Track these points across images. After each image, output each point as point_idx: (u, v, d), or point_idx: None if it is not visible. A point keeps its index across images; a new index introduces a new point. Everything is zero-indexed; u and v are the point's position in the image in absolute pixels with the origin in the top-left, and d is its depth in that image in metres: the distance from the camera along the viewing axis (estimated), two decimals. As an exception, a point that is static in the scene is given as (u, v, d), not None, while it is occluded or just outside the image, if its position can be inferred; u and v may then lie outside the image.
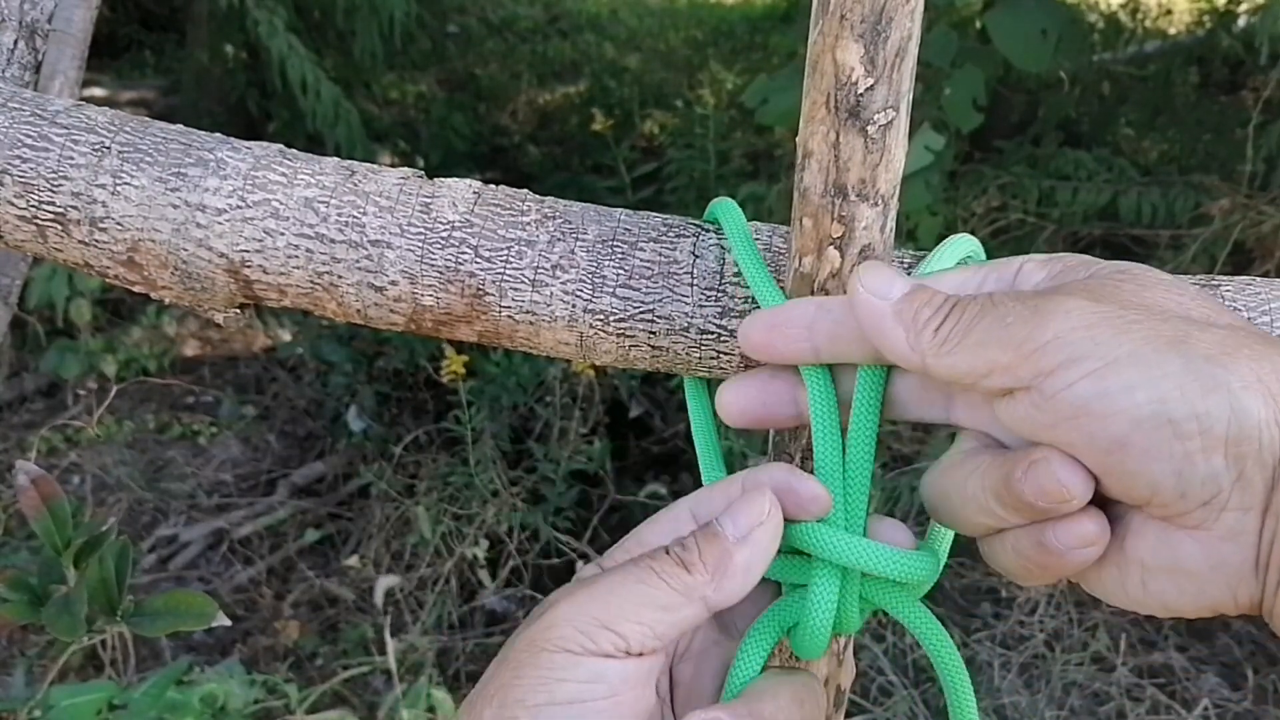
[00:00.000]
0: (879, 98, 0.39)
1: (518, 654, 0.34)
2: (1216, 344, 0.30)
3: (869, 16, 0.37)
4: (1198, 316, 0.32)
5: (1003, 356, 0.32)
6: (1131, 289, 0.33)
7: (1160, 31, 3.68)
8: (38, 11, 0.65)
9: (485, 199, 0.46)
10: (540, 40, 5.45)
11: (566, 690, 0.33)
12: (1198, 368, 0.30)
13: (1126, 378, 0.30)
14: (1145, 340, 0.30)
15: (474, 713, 0.34)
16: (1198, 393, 0.29)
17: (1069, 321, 0.31)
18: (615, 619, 0.34)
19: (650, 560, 0.36)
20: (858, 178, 0.40)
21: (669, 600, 0.35)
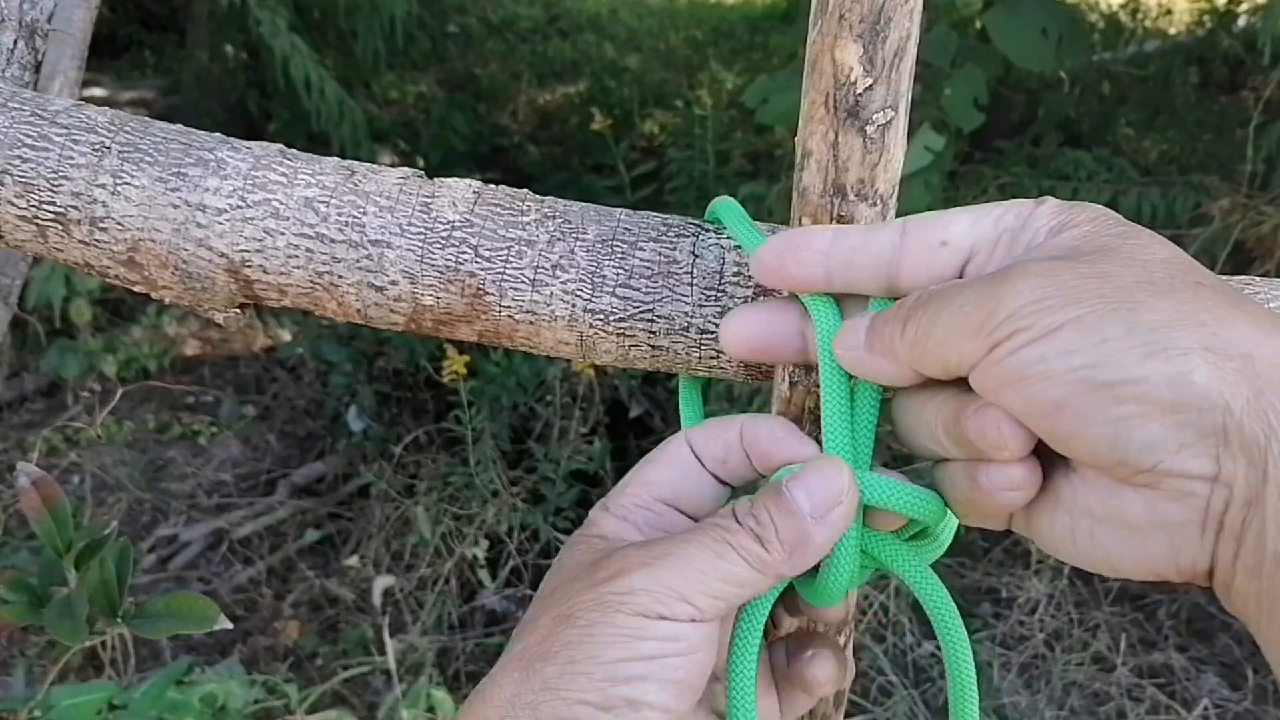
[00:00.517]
0: (878, 97, 0.39)
1: (585, 613, 0.34)
2: (1171, 309, 0.30)
3: (868, 16, 0.37)
4: (1164, 282, 0.31)
5: (967, 344, 0.33)
6: (1117, 253, 0.32)
7: (1160, 31, 3.68)
8: (38, 11, 0.65)
9: (485, 199, 0.46)
10: (540, 40, 5.44)
11: (648, 648, 0.34)
12: (1141, 334, 0.30)
13: (1065, 343, 0.30)
14: (1090, 307, 0.30)
15: (530, 672, 0.34)
16: (1135, 358, 0.29)
17: (1021, 299, 0.31)
18: (692, 592, 0.34)
19: (725, 532, 0.36)
20: (856, 177, 0.40)
21: (745, 577, 0.35)
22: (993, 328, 0.32)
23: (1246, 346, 0.29)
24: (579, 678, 0.33)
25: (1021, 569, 2.13)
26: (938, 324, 0.33)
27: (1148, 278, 0.31)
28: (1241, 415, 0.28)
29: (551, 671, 0.33)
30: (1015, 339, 0.31)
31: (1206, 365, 0.29)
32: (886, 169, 0.40)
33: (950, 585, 2.15)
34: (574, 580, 0.36)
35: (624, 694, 0.33)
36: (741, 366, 0.46)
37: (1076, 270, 0.32)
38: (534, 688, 0.33)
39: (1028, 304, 0.31)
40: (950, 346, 0.33)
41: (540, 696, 0.33)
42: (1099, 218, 0.35)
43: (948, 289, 0.34)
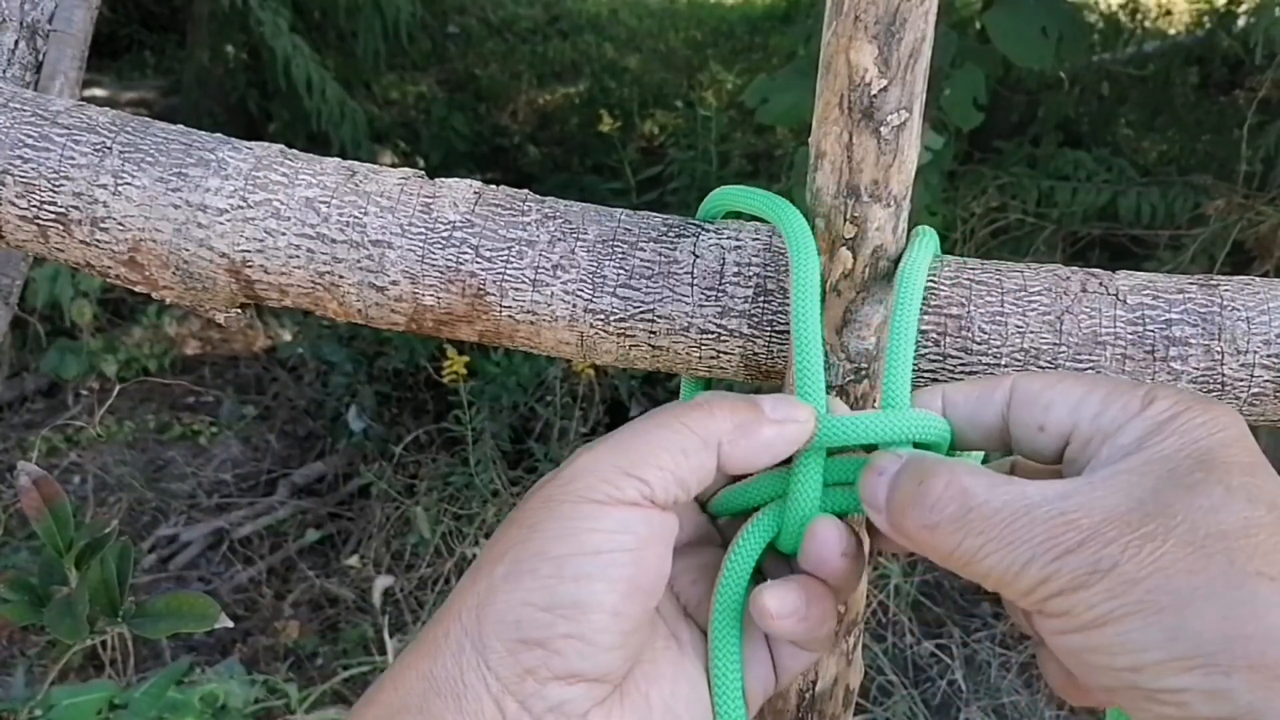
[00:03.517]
0: (892, 99, 0.39)
1: (531, 512, 0.33)
2: (1217, 617, 0.29)
3: (883, 18, 0.37)
4: (1220, 571, 0.29)
5: (1007, 593, 0.33)
6: (1190, 508, 0.31)
7: (1160, 31, 3.68)
8: (38, 12, 0.65)
9: (486, 199, 0.46)
10: (540, 40, 5.44)
11: (594, 540, 0.32)
12: (1183, 645, 0.29)
13: (1107, 642, 0.30)
14: (1136, 606, 0.30)
15: (479, 577, 0.33)
16: (1175, 670, 0.29)
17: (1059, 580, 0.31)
18: (636, 464, 0.34)
19: (674, 410, 0.36)
20: (871, 179, 0.40)
21: (687, 444, 0.35)
22: (1033, 599, 0.31)
23: None
24: (525, 577, 0.32)
25: (1021, 569, 2.13)
26: (984, 557, 0.32)
27: (1204, 560, 0.30)
28: None
29: (499, 572, 0.33)
30: (1056, 620, 0.31)
31: (1249, 686, 0.28)
32: (900, 170, 0.40)
33: (950, 585, 2.15)
34: (534, 491, 0.35)
35: (571, 594, 0.32)
36: (742, 366, 0.46)
37: (1129, 541, 0.30)
38: (480, 590, 0.33)
39: (1066, 590, 0.30)
40: (990, 582, 0.32)
41: (485, 599, 0.32)
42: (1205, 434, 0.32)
43: (995, 516, 0.32)
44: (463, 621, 0.32)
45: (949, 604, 2.10)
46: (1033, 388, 0.36)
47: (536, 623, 0.32)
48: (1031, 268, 0.45)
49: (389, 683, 0.33)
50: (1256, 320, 0.43)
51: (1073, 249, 2.45)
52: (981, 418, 0.37)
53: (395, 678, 0.33)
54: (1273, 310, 0.43)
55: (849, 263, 0.41)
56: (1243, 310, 0.43)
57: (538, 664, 0.32)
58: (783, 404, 0.37)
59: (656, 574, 0.34)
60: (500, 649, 0.32)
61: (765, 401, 0.37)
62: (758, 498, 0.39)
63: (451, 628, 0.32)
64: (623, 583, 0.33)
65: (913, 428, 0.37)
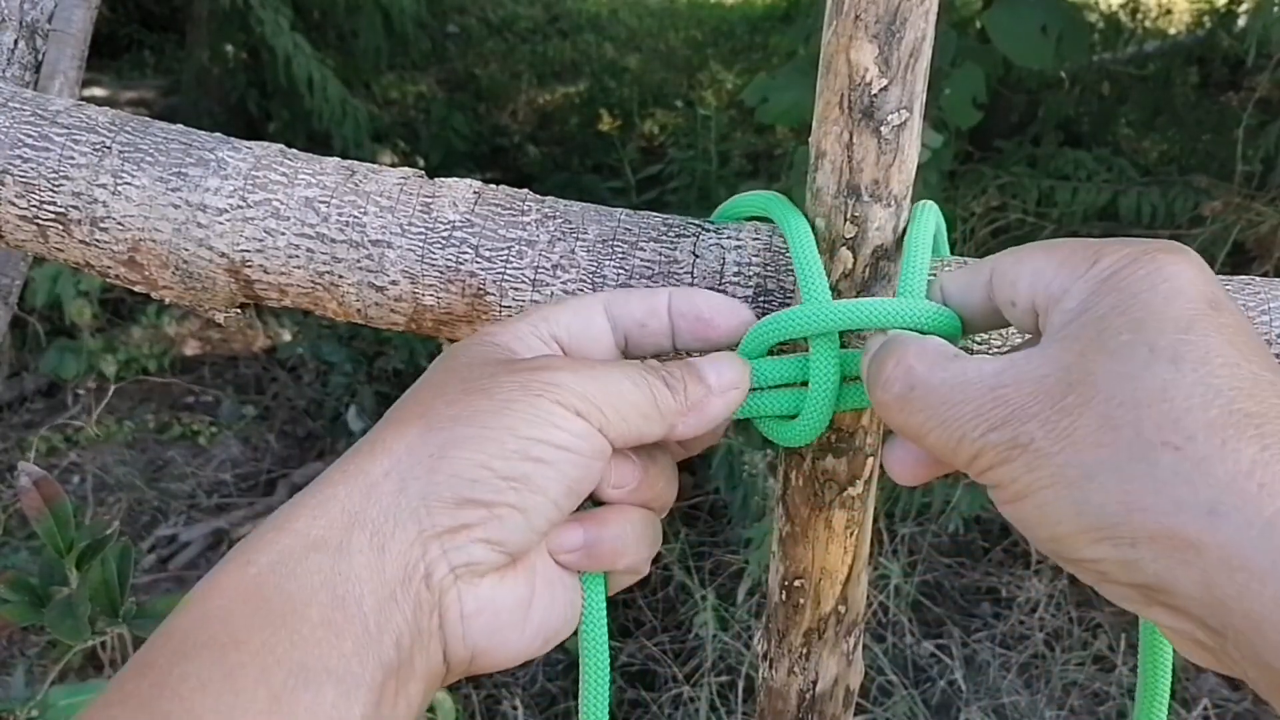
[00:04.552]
0: (893, 98, 0.38)
1: (506, 390, 0.35)
2: (1117, 488, 0.30)
3: (883, 17, 0.37)
4: (1127, 442, 0.30)
5: (951, 460, 0.35)
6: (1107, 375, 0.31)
7: (1160, 31, 3.68)
8: (38, 11, 0.65)
9: (486, 199, 0.46)
10: (540, 40, 5.44)
11: (559, 437, 0.35)
12: (1090, 519, 0.30)
13: (1028, 514, 0.32)
14: (1049, 481, 0.31)
15: (433, 426, 0.34)
16: (1088, 542, 0.30)
17: (987, 455, 0.33)
18: (606, 404, 0.36)
19: (644, 370, 0.38)
20: (871, 178, 0.40)
21: (649, 410, 0.38)
22: (972, 472, 0.33)
23: (1194, 533, 0.28)
24: (489, 443, 0.34)
25: (1021, 569, 2.13)
26: (927, 433, 0.35)
27: (1112, 432, 0.30)
28: (1200, 609, 0.28)
29: (462, 432, 0.34)
30: (993, 493, 0.33)
31: (1153, 555, 0.29)
32: (901, 169, 0.40)
33: (950, 585, 2.15)
34: (486, 364, 0.37)
35: (527, 471, 0.34)
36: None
37: (1048, 415, 0.31)
38: (436, 442, 0.34)
39: (994, 464, 0.32)
40: (938, 456, 0.35)
41: (442, 451, 0.34)
42: (1144, 287, 0.32)
43: (934, 394, 0.34)
44: (408, 464, 0.34)
45: (949, 604, 2.10)
46: (1004, 264, 0.37)
47: (490, 486, 0.34)
48: (1032, 267, 0.45)
49: (305, 511, 0.33)
50: (1257, 320, 0.43)
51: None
52: (973, 302, 0.39)
53: (315, 508, 0.33)
54: (1273, 310, 0.43)
55: (849, 262, 0.41)
56: (1243, 311, 0.43)
57: (476, 522, 0.34)
58: (725, 370, 0.40)
59: (589, 485, 0.37)
60: (448, 498, 0.33)
61: (709, 372, 0.39)
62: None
63: (394, 468, 0.34)
64: (567, 480, 0.36)
65: (920, 317, 0.38)
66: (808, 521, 0.46)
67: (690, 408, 0.39)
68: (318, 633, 0.30)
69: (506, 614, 0.36)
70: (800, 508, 0.46)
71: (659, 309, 0.41)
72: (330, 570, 0.32)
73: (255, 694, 0.29)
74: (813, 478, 0.45)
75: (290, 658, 0.30)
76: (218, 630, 0.30)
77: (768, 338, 0.40)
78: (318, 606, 0.31)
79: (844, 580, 0.48)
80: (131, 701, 0.29)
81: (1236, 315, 0.32)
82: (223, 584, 0.31)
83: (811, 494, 0.45)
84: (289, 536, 0.32)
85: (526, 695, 1.92)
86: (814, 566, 0.47)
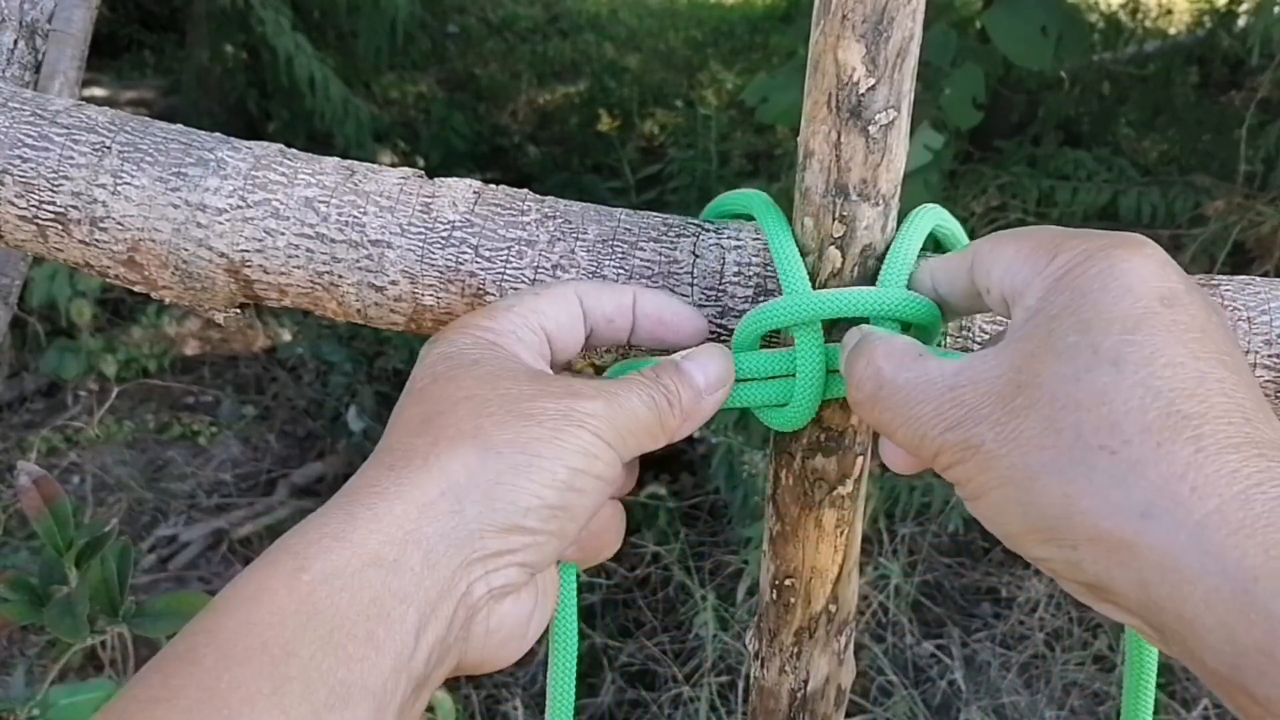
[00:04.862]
0: (880, 98, 0.39)
1: (551, 419, 0.36)
2: (1058, 491, 0.30)
3: (870, 16, 0.37)
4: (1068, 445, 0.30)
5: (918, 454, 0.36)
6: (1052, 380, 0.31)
7: (1160, 31, 3.68)
8: (38, 11, 0.65)
9: (485, 199, 0.46)
10: (540, 40, 5.44)
11: (598, 467, 0.37)
12: (1034, 519, 0.31)
13: (983, 511, 0.33)
14: (999, 483, 0.32)
15: (491, 452, 0.35)
16: (1034, 542, 0.31)
17: (947, 455, 0.34)
18: (627, 430, 0.38)
19: (651, 388, 0.39)
20: (859, 178, 0.40)
21: (655, 430, 0.39)
22: (937, 469, 0.35)
23: (1129, 535, 0.28)
24: (542, 473, 0.35)
25: (1021, 569, 2.13)
26: (895, 430, 0.36)
27: (1054, 435, 0.31)
28: (1139, 608, 0.29)
29: (517, 459, 0.35)
30: (958, 490, 0.34)
31: (1093, 557, 0.30)
32: (889, 169, 0.40)
33: (950, 585, 2.15)
34: (517, 380, 0.37)
35: (570, 501, 0.36)
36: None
37: (998, 417, 0.32)
38: (494, 468, 0.35)
39: (952, 464, 0.33)
40: (909, 444, 0.36)
41: (499, 478, 0.35)
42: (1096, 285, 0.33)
43: (898, 394, 0.35)
44: (465, 487, 0.34)
45: (949, 604, 2.10)
46: (983, 251, 0.38)
47: (539, 515, 0.35)
48: (1032, 267, 0.45)
49: (362, 524, 0.33)
50: (1257, 320, 0.43)
51: (1073, 248, 2.45)
52: (958, 288, 0.39)
53: (372, 521, 0.33)
54: (1273, 310, 0.43)
55: (837, 261, 0.41)
56: (1243, 310, 0.43)
57: (520, 547, 0.35)
58: (711, 368, 0.41)
59: (603, 503, 0.40)
60: (501, 524, 0.34)
61: (697, 375, 0.40)
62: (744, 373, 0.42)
63: (450, 489, 0.34)
64: (595, 505, 0.38)
65: (898, 306, 0.40)
66: (798, 520, 0.46)
67: (686, 417, 0.40)
68: (362, 649, 0.31)
69: (519, 626, 0.37)
70: (790, 507, 0.46)
71: (625, 306, 0.42)
72: (381, 586, 0.32)
73: (299, 711, 0.29)
74: (802, 477, 0.45)
75: (335, 675, 0.30)
76: (270, 638, 0.30)
77: (755, 329, 0.41)
78: (365, 622, 0.31)
79: (835, 579, 0.48)
80: (180, 702, 0.29)
81: (1194, 309, 0.32)
82: (274, 588, 0.31)
83: (801, 493, 0.46)
84: (347, 549, 0.32)
85: (526, 695, 1.92)
86: (804, 565, 0.47)
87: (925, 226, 0.42)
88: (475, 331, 0.40)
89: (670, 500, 2.23)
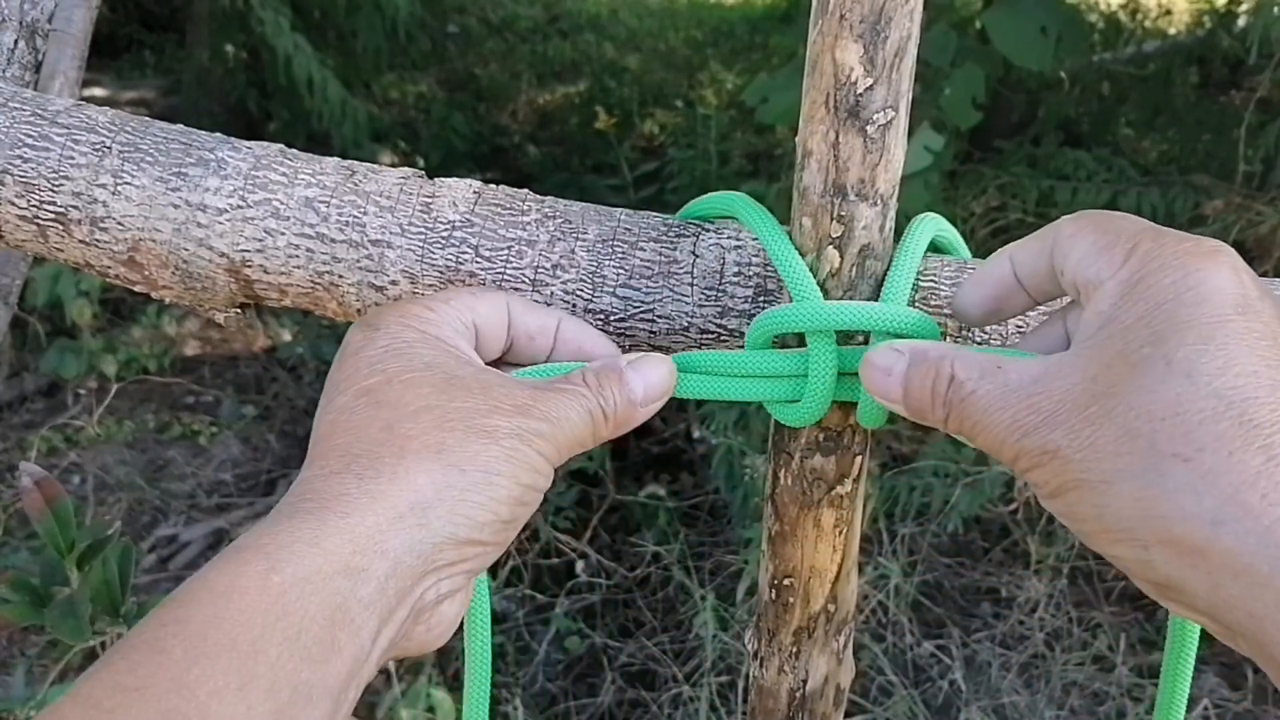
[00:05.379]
0: (878, 97, 0.39)
1: (505, 438, 0.38)
2: (1132, 496, 0.32)
3: (868, 16, 0.37)
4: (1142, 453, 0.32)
5: (1000, 456, 0.37)
6: (1132, 387, 0.32)
7: (1160, 31, 3.68)
8: (38, 11, 0.65)
9: (485, 199, 0.46)
10: (540, 40, 5.44)
11: (542, 482, 0.40)
12: (1107, 521, 0.33)
13: (1060, 510, 0.35)
14: (1075, 484, 0.33)
15: (454, 469, 0.37)
16: (1107, 542, 0.33)
17: (1026, 458, 0.35)
18: (564, 442, 0.40)
19: (588, 396, 0.41)
20: (857, 177, 0.40)
21: (588, 439, 0.41)
22: (1017, 471, 0.36)
23: (1200, 540, 0.30)
24: (499, 489, 0.38)
25: (1021, 569, 2.13)
26: (979, 438, 0.37)
27: (1129, 442, 0.32)
28: (1209, 607, 0.31)
29: (476, 477, 0.37)
30: (1035, 490, 0.36)
31: (1165, 559, 0.31)
32: (887, 169, 0.40)
33: (950, 585, 2.15)
34: (472, 393, 0.39)
35: (517, 514, 0.39)
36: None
37: (1074, 424, 0.33)
38: (459, 484, 0.37)
39: (1031, 467, 0.35)
40: (990, 449, 0.37)
41: (462, 495, 0.37)
42: (1169, 296, 0.33)
43: (983, 404, 0.36)
44: (432, 500, 0.36)
45: (949, 604, 2.10)
46: (1065, 233, 0.38)
47: (492, 528, 0.38)
48: (1031, 267, 0.45)
49: (335, 532, 0.34)
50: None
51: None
52: (1042, 268, 0.39)
53: (346, 532, 0.34)
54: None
55: (835, 261, 0.41)
56: None
57: (471, 557, 0.38)
58: (653, 380, 0.42)
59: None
60: (460, 538, 0.37)
61: (637, 387, 0.42)
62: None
63: (418, 503, 0.36)
64: (531, 513, 0.40)
65: (901, 322, 0.41)
66: (796, 520, 0.46)
67: (617, 427, 0.42)
68: (325, 652, 0.32)
69: (451, 622, 0.40)
70: (789, 506, 0.46)
71: (549, 329, 0.44)
72: (349, 593, 0.33)
73: (264, 707, 0.30)
74: (801, 476, 0.45)
75: (299, 675, 0.31)
76: (239, 635, 0.31)
77: (768, 330, 0.42)
78: (330, 626, 0.33)
79: (833, 579, 0.48)
80: (149, 691, 0.29)
81: (1266, 316, 0.33)
82: (244, 587, 0.32)
83: (800, 493, 0.46)
84: (319, 556, 0.33)
85: (526, 695, 1.92)
86: (803, 565, 0.47)
87: (925, 238, 0.43)
88: (417, 324, 0.41)
89: (670, 500, 2.23)
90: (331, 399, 0.39)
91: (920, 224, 0.43)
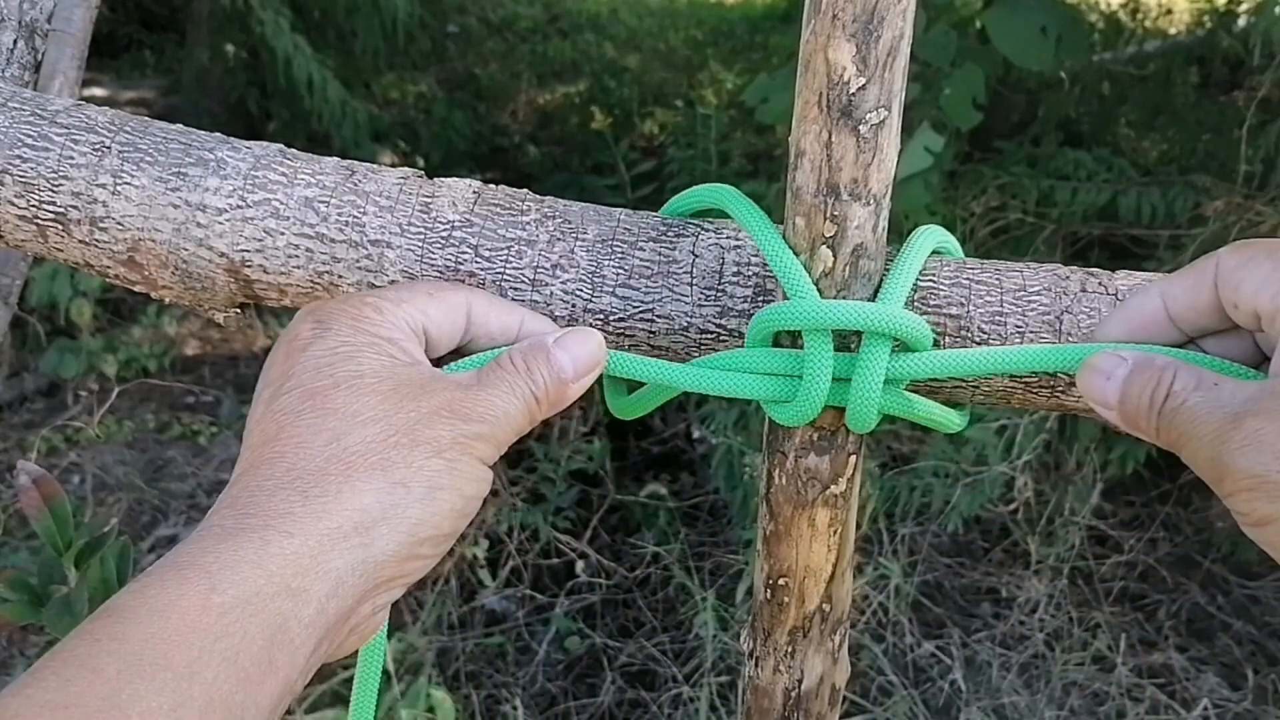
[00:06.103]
0: (871, 97, 0.39)
1: (448, 449, 0.38)
2: None
3: (861, 16, 0.37)
4: None
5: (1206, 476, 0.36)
6: None
7: (1160, 31, 3.68)
8: (37, 11, 0.65)
9: (485, 199, 0.46)
10: (540, 40, 5.44)
11: (484, 489, 0.40)
12: None
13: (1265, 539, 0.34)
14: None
15: (398, 486, 0.37)
16: None
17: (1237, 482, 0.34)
18: (504, 437, 0.40)
19: (522, 383, 0.41)
20: (850, 177, 0.40)
21: (524, 426, 0.42)
22: (1220, 492, 0.36)
23: None
24: (442, 503, 0.38)
25: (1021, 569, 2.13)
26: (1185, 451, 0.37)
27: None
28: None
29: (419, 492, 0.37)
30: (1237, 515, 0.35)
31: None
32: (880, 169, 0.40)
33: (950, 585, 2.15)
34: (416, 401, 0.39)
35: (459, 525, 0.39)
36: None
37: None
38: (405, 501, 0.37)
39: (1236, 491, 0.34)
40: (1195, 464, 0.37)
41: (404, 512, 0.37)
42: None
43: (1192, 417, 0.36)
44: (376, 517, 0.36)
45: (949, 604, 2.10)
46: (1229, 265, 0.38)
47: (433, 542, 0.38)
48: (1031, 267, 0.45)
49: (278, 552, 0.34)
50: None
51: (1073, 249, 2.45)
52: (1200, 301, 0.39)
53: (290, 556, 0.34)
54: None
55: (829, 261, 0.41)
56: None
57: (412, 572, 0.38)
58: (580, 354, 0.42)
59: None
60: (403, 555, 0.37)
61: (566, 364, 0.42)
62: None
63: (362, 522, 0.36)
64: (471, 518, 0.40)
65: (896, 323, 0.41)
66: (791, 520, 0.46)
67: (551, 406, 0.42)
68: (262, 674, 0.32)
69: (377, 629, 0.40)
70: (784, 506, 0.46)
71: (511, 328, 0.44)
72: (290, 614, 0.33)
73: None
74: (796, 476, 0.45)
75: (233, 697, 0.31)
76: (175, 656, 0.31)
77: (766, 327, 0.42)
78: (269, 647, 0.33)
79: (828, 578, 0.48)
80: (77, 710, 0.29)
81: None
82: (184, 608, 0.32)
83: (795, 492, 0.46)
84: (261, 577, 0.33)
85: (526, 695, 1.92)
86: (798, 565, 0.47)
87: (927, 247, 0.43)
88: (367, 326, 0.41)
89: (670, 500, 2.23)
90: (275, 396, 0.39)
91: (922, 235, 0.44)
